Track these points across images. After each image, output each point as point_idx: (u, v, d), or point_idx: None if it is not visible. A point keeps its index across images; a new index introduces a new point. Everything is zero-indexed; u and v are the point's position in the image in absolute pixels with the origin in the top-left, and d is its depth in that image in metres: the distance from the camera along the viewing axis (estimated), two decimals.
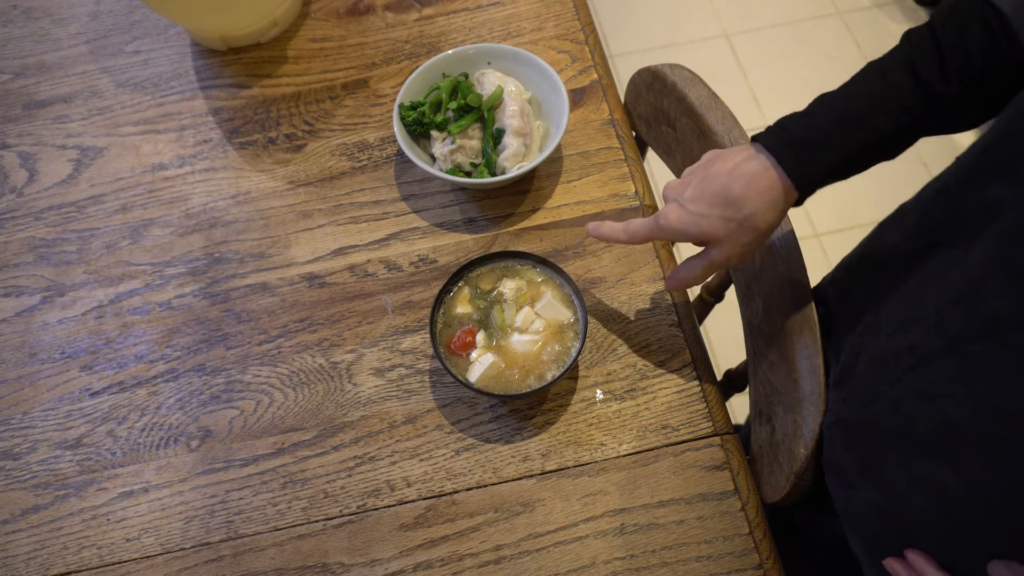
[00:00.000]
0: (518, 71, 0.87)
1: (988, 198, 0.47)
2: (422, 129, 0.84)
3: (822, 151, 0.57)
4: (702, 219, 0.60)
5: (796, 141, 0.57)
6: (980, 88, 0.53)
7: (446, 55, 0.86)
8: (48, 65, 0.98)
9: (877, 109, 0.55)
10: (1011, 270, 0.43)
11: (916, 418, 0.52)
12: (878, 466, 0.57)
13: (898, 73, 0.55)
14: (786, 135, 0.58)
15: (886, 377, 0.55)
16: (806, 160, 0.57)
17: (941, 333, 0.49)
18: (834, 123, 0.57)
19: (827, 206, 1.85)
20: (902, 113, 0.55)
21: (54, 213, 0.88)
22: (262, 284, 0.82)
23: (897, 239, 0.60)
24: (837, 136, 0.57)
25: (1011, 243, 0.43)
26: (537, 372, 0.70)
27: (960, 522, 0.50)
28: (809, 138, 0.57)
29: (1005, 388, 0.44)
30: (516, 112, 0.82)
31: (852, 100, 0.57)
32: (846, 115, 0.56)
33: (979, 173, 0.49)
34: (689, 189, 0.61)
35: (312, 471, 0.73)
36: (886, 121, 0.55)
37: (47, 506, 0.73)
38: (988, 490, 0.47)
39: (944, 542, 0.53)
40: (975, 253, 0.47)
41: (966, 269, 0.47)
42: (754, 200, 0.58)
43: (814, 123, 0.57)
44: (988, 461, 0.46)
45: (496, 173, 0.82)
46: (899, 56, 0.56)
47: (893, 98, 0.55)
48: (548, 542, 0.69)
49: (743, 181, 0.58)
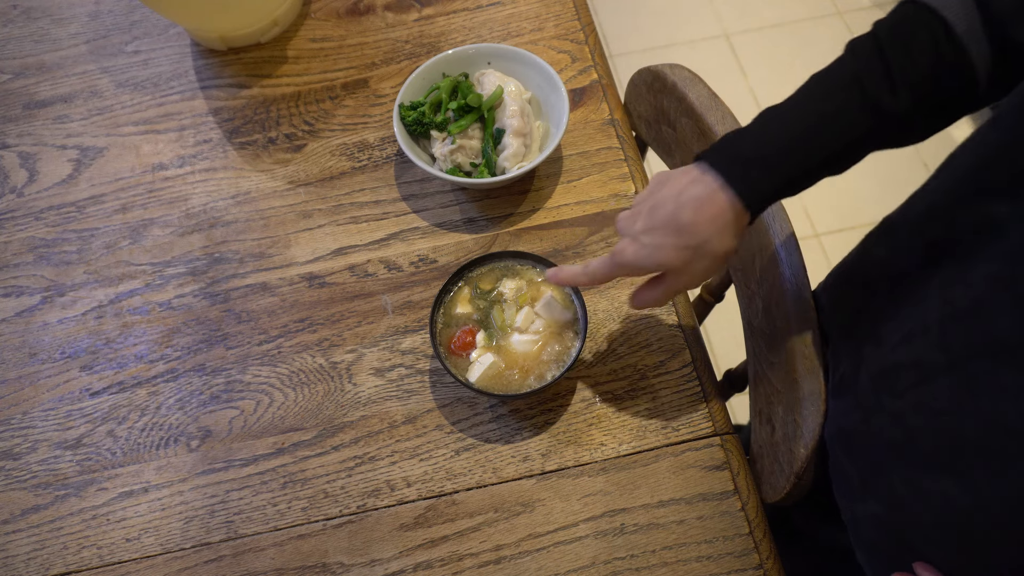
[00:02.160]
0: (518, 71, 0.87)
1: (989, 216, 0.46)
2: (422, 129, 0.84)
3: (772, 171, 0.55)
4: (657, 251, 0.58)
5: (745, 161, 0.55)
6: (928, 100, 0.52)
7: (446, 55, 0.86)
8: (48, 65, 0.98)
9: (826, 127, 0.54)
10: (1015, 290, 0.43)
11: (919, 433, 0.51)
12: (880, 479, 0.57)
13: (846, 90, 0.53)
14: (734, 154, 0.56)
15: (888, 391, 0.55)
16: (757, 181, 0.55)
17: (944, 349, 0.48)
18: (784, 142, 0.55)
19: (827, 206, 1.85)
20: (851, 130, 0.54)
21: (54, 213, 0.88)
22: (262, 284, 0.82)
23: (887, 253, 0.59)
24: (787, 155, 0.55)
25: (1014, 262, 0.43)
26: (537, 372, 0.70)
27: (966, 536, 0.50)
28: (758, 157, 0.55)
29: (1010, 406, 0.43)
30: (516, 112, 0.82)
31: (801, 118, 0.55)
32: (795, 134, 0.55)
33: (977, 190, 0.48)
34: (639, 221, 0.59)
35: (312, 471, 0.73)
36: (835, 139, 0.54)
37: (47, 506, 0.73)
38: (994, 505, 0.46)
39: (950, 556, 0.52)
40: (977, 271, 0.46)
41: (968, 287, 0.47)
42: (706, 227, 0.56)
43: (762, 141, 0.55)
44: (994, 476, 0.46)
45: (496, 173, 0.82)
46: (846, 71, 0.54)
47: (841, 115, 0.53)
48: (548, 542, 0.69)
49: (692, 207, 0.56)
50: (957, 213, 0.50)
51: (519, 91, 0.85)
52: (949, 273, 0.50)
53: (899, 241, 0.58)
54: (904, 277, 0.56)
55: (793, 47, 2.05)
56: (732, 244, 0.57)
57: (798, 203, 1.85)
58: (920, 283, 0.54)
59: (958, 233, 0.50)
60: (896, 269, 0.58)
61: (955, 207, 0.50)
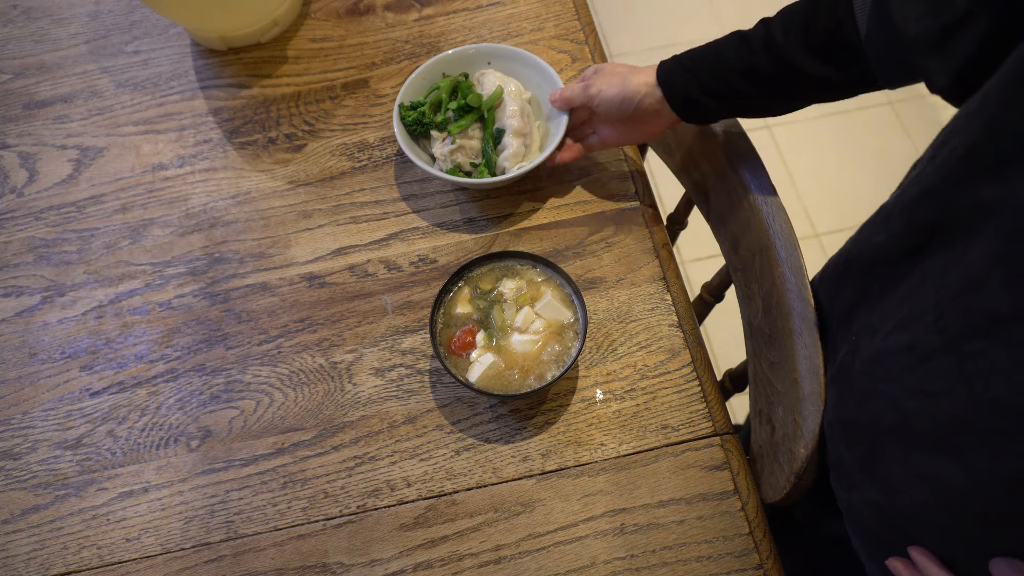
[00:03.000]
0: (518, 71, 0.87)
1: (981, 197, 0.47)
2: (422, 129, 0.84)
3: (684, 61, 0.72)
4: (609, 72, 0.78)
5: (676, 60, 0.73)
6: (816, 52, 0.65)
7: (446, 55, 0.86)
8: (48, 65, 0.98)
9: (733, 44, 0.70)
10: (1011, 267, 0.43)
11: (915, 416, 0.52)
12: (877, 464, 0.57)
13: (762, 25, 0.69)
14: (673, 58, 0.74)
15: (884, 376, 0.55)
16: (671, 65, 0.73)
17: (940, 331, 0.49)
18: (703, 48, 0.72)
19: (827, 206, 1.85)
20: (748, 54, 0.68)
21: (54, 213, 0.88)
22: (262, 284, 0.82)
23: (884, 239, 0.60)
24: (700, 54, 0.71)
25: (1010, 240, 0.43)
26: (537, 372, 0.70)
27: (961, 518, 0.50)
28: (684, 54, 0.73)
29: (1006, 385, 0.44)
30: (516, 112, 0.82)
31: (725, 38, 0.71)
32: (713, 44, 0.71)
33: (968, 173, 0.49)
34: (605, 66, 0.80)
35: (312, 471, 0.73)
36: (734, 54, 0.69)
37: (47, 506, 0.73)
38: (989, 485, 0.47)
39: (945, 539, 0.53)
40: (974, 250, 0.47)
41: (966, 266, 0.47)
42: (640, 74, 0.74)
43: (696, 48, 0.73)
44: (989, 456, 0.46)
45: (496, 173, 0.82)
46: (768, 19, 0.69)
47: (747, 38, 0.69)
48: (548, 542, 0.69)
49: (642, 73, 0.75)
50: (950, 195, 0.50)
51: (519, 91, 0.85)
52: (944, 255, 0.51)
53: (894, 226, 0.58)
54: (899, 261, 0.57)
55: None
56: (642, 89, 0.74)
57: (798, 203, 1.85)
58: (915, 266, 0.54)
59: (952, 215, 0.50)
60: (892, 254, 0.58)
61: (948, 189, 0.51)
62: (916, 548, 0.54)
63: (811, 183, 1.87)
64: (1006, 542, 0.47)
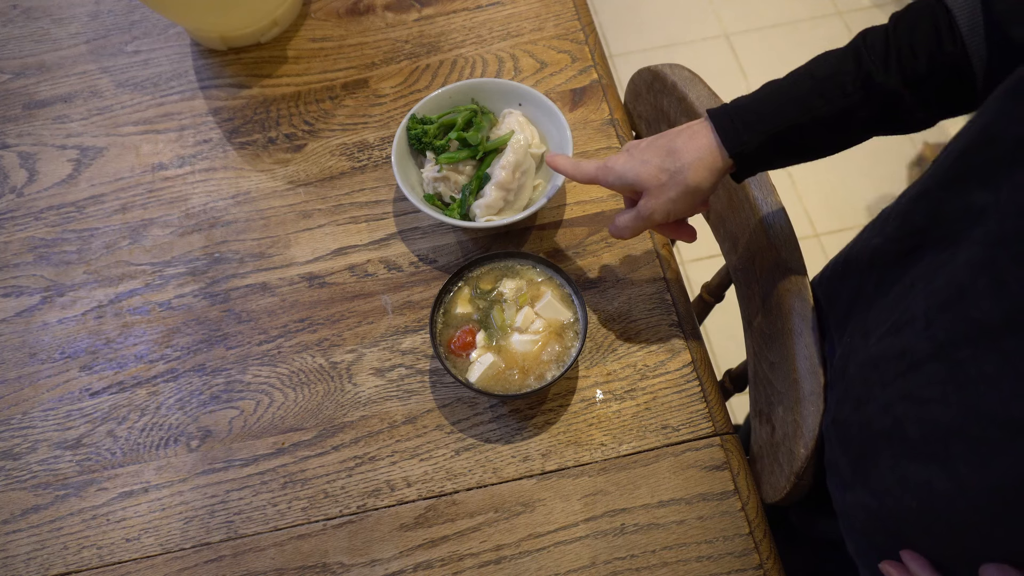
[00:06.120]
0: (543, 123, 0.83)
1: (971, 203, 0.47)
2: (420, 147, 0.82)
3: (756, 121, 0.60)
4: (642, 165, 0.64)
5: (735, 110, 0.62)
6: (920, 84, 0.55)
7: (480, 82, 0.83)
8: (48, 65, 0.98)
9: (816, 90, 0.58)
10: (996, 275, 0.43)
11: (906, 421, 0.52)
12: (870, 467, 0.57)
13: (842, 60, 0.58)
14: (730, 106, 0.63)
15: (877, 379, 0.55)
16: (740, 128, 0.61)
17: (930, 338, 0.49)
18: (773, 98, 0.60)
19: (827, 206, 1.85)
20: (840, 97, 0.57)
21: (54, 213, 0.88)
22: (262, 284, 0.82)
23: (880, 242, 0.60)
24: (772, 109, 0.60)
25: (995, 248, 0.43)
26: (537, 372, 0.70)
27: (950, 525, 0.50)
28: (747, 108, 0.61)
29: (994, 394, 0.44)
30: (509, 164, 0.78)
31: (795, 81, 0.60)
32: (785, 92, 0.60)
33: (960, 177, 0.49)
34: (643, 142, 0.67)
35: (312, 471, 0.73)
36: (823, 103, 0.58)
37: (47, 506, 0.73)
38: (978, 492, 0.46)
39: (935, 545, 0.53)
40: (961, 257, 0.47)
41: (953, 273, 0.47)
42: (690, 153, 0.62)
43: (755, 97, 0.61)
44: (978, 464, 0.46)
45: (465, 216, 0.80)
46: (849, 47, 0.58)
47: (833, 80, 0.58)
48: (548, 542, 0.69)
49: (686, 136, 0.63)
50: (942, 200, 0.50)
51: (529, 143, 0.80)
52: (934, 260, 0.51)
53: (890, 229, 0.59)
54: (892, 265, 0.57)
55: (793, 47, 2.04)
56: (705, 182, 0.62)
57: (798, 203, 1.85)
58: (907, 270, 0.54)
59: (942, 219, 0.50)
60: (887, 257, 0.59)
61: (940, 193, 0.51)
62: (909, 552, 0.54)
63: (811, 183, 1.87)
64: (996, 549, 0.47)
